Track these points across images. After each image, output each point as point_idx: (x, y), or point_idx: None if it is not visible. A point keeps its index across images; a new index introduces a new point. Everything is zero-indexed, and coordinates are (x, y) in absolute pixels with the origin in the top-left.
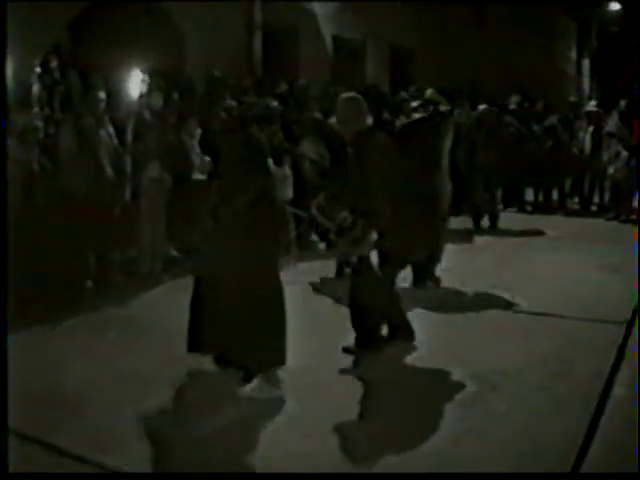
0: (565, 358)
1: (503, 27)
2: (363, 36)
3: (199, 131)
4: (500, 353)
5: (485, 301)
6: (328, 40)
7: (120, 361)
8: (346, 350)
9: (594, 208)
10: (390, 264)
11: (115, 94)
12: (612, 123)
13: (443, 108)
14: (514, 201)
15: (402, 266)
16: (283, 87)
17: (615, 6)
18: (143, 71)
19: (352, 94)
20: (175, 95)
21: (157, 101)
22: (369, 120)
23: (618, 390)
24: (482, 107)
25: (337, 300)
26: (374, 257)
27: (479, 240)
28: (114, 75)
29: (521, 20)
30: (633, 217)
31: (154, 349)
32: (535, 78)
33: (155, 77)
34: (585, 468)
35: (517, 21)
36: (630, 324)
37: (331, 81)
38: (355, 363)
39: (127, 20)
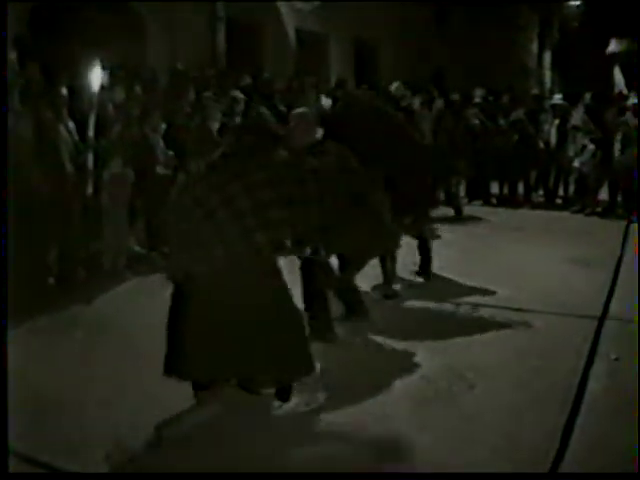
0: (541, 354)
1: (466, 20)
2: (327, 30)
3: (163, 125)
4: (474, 349)
5: (456, 295)
6: (291, 33)
7: (86, 362)
8: None
9: (559, 201)
10: (349, 266)
11: (77, 88)
12: (578, 116)
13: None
14: (479, 194)
15: (360, 266)
16: (247, 80)
17: (575, 1)
18: (104, 64)
19: (302, 110)
20: (138, 88)
21: (119, 95)
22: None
23: (593, 385)
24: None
25: None
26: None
27: (445, 233)
28: (75, 68)
29: (483, 13)
30: (598, 210)
31: (121, 349)
32: (498, 71)
33: (116, 70)
34: (565, 466)
35: (479, 14)
36: (601, 319)
37: (295, 75)
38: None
39: (89, 12)
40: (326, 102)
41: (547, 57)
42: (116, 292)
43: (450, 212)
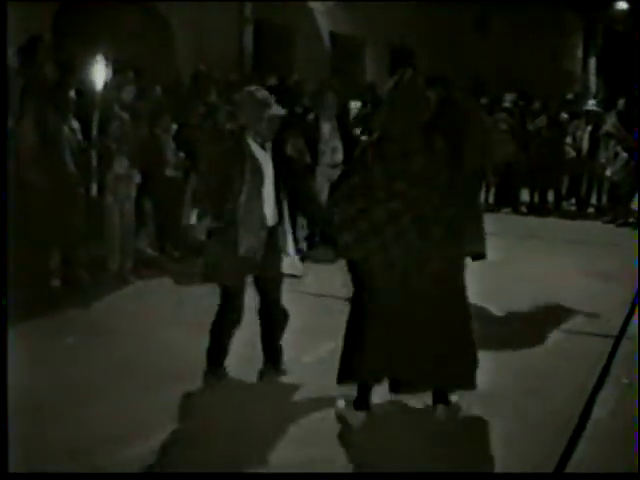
0: (543, 375)
1: (507, 26)
2: (362, 34)
3: (175, 126)
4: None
5: None
6: (325, 36)
7: (72, 368)
8: None
9: (591, 210)
10: None
11: (89, 92)
12: (610, 122)
13: None
14: (508, 201)
15: None
16: (273, 81)
17: (622, 5)
18: (110, 64)
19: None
20: (158, 89)
21: (127, 95)
22: None
23: (598, 411)
24: None
25: None
26: None
27: None
28: (93, 70)
29: (526, 19)
30: (630, 221)
31: (113, 356)
32: (541, 78)
33: (126, 70)
34: None
35: (522, 20)
36: (619, 338)
37: (329, 79)
38: None
39: (114, 14)
40: (355, 105)
41: (592, 62)
42: (118, 295)
43: None
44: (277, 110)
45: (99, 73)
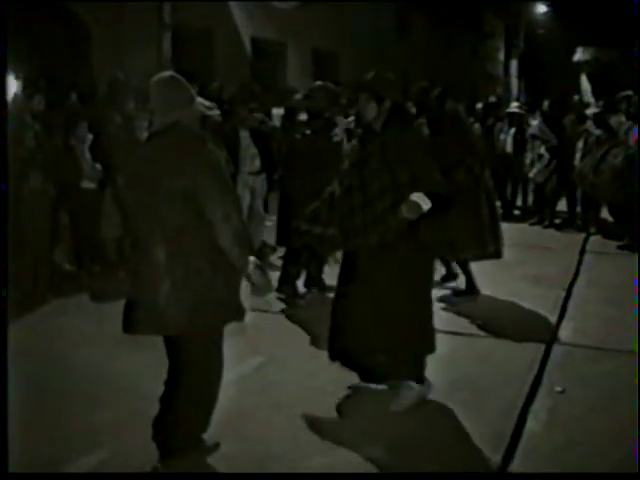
0: (475, 385)
1: (429, 27)
2: (284, 38)
3: (90, 136)
4: None
5: None
6: (246, 41)
7: None
8: None
9: (517, 212)
10: None
11: None
12: (535, 124)
13: None
14: None
15: None
16: (194, 87)
17: (542, 8)
18: (19, 72)
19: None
20: (74, 97)
21: (39, 104)
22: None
23: (532, 424)
24: None
25: None
26: None
27: None
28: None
29: (447, 20)
30: (556, 222)
31: (29, 379)
32: (464, 80)
33: (36, 79)
34: None
35: (443, 21)
36: (550, 344)
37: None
38: None
39: (26, 18)
40: (277, 112)
41: (514, 65)
42: (33, 316)
43: None
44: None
45: (8, 82)
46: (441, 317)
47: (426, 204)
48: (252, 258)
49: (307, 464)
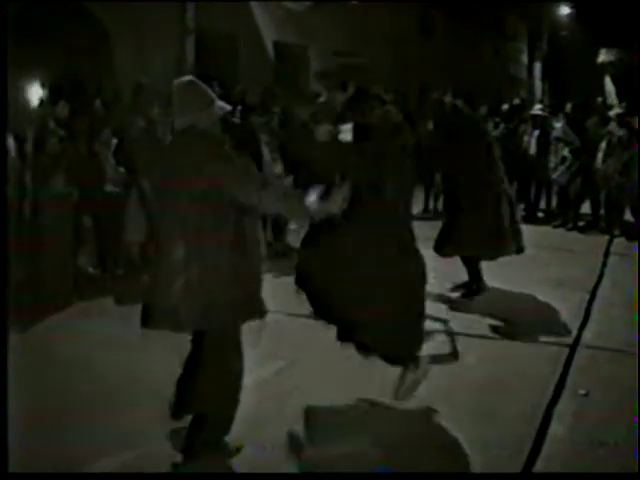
0: (498, 389)
1: (451, 30)
2: (306, 42)
3: (114, 141)
4: (426, 384)
5: None
6: (269, 45)
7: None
8: None
9: (541, 215)
10: None
11: (23, 108)
12: (559, 127)
13: None
14: None
15: None
16: (216, 90)
17: (565, 10)
18: (42, 79)
19: (189, 78)
20: (98, 103)
21: (63, 110)
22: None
23: (556, 428)
24: None
25: None
26: None
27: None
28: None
29: (470, 23)
30: (580, 224)
31: (53, 381)
32: (487, 82)
33: (60, 85)
34: None
35: (466, 24)
36: (573, 347)
37: (271, 86)
38: None
39: (50, 25)
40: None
41: (537, 67)
42: (57, 318)
43: None
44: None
45: (34, 89)
46: (463, 320)
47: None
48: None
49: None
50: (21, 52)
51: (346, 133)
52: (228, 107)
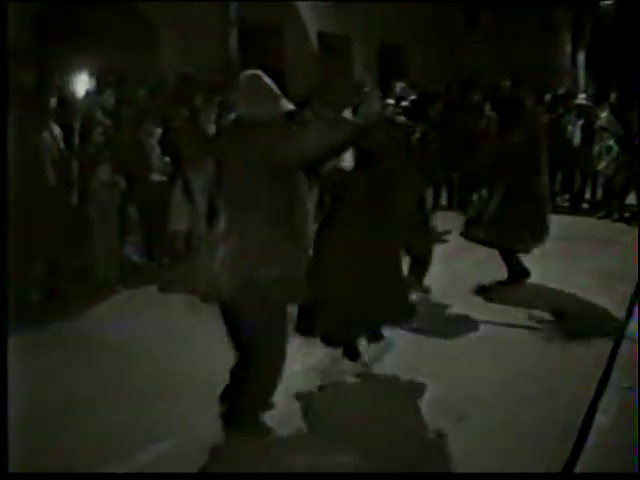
0: (541, 380)
1: (497, 21)
2: (349, 32)
3: (159, 130)
4: (472, 374)
5: (459, 313)
6: (313, 36)
7: (67, 384)
8: None
9: (585, 206)
10: None
11: (70, 98)
12: (604, 116)
13: None
14: None
15: None
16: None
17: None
18: (91, 69)
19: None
20: (142, 93)
21: (109, 100)
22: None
23: (600, 420)
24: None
25: None
26: None
27: (454, 241)
28: (74, 76)
29: (515, 14)
30: (625, 215)
31: (105, 369)
32: (533, 72)
33: (106, 75)
34: None
35: (511, 15)
36: (618, 339)
37: (317, 79)
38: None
39: (95, 17)
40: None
41: (581, 57)
42: (105, 306)
43: None
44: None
45: (80, 79)
46: (507, 311)
47: None
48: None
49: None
50: (67, 43)
51: None
52: (292, 106)
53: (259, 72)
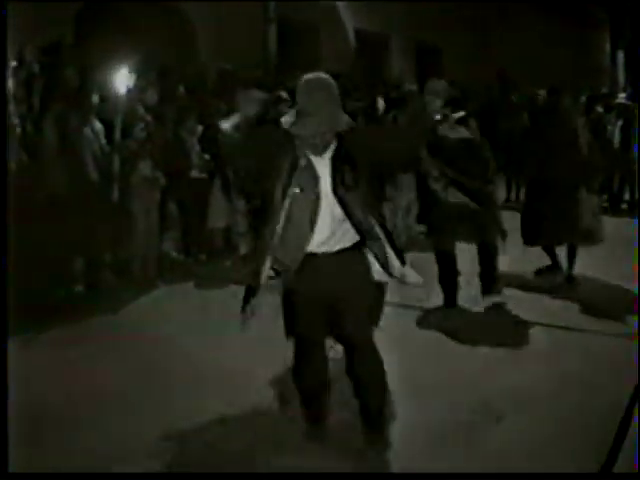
0: (584, 381)
1: (532, 20)
2: (387, 30)
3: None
4: (513, 375)
5: (500, 312)
6: (351, 34)
7: (101, 376)
8: None
9: (624, 207)
10: None
11: (111, 95)
12: None
13: None
14: None
15: None
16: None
17: None
18: (133, 66)
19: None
20: (182, 89)
21: (151, 97)
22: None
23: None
24: None
25: None
26: None
27: None
28: (115, 73)
29: (552, 12)
30: None
31: (140, 362)
32: (569, 71)
33: (148, 72)
34: None
35: (546, 13)
36: None
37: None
38: None
39: (135, 14)
40: (381, 103)
41: (620, 56)
42: (143, 300)
43: None
44: None
45: (121, 75)
46: (549, 311)
47: None
48: None
49: None
50: (110, 40)
51: None
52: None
53: (322, 74)
